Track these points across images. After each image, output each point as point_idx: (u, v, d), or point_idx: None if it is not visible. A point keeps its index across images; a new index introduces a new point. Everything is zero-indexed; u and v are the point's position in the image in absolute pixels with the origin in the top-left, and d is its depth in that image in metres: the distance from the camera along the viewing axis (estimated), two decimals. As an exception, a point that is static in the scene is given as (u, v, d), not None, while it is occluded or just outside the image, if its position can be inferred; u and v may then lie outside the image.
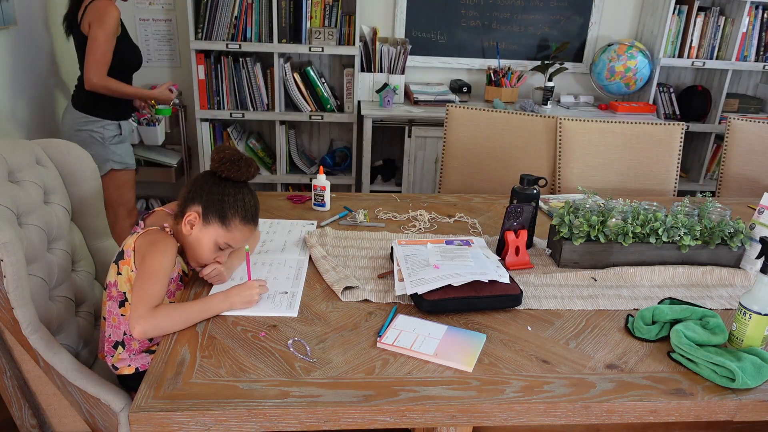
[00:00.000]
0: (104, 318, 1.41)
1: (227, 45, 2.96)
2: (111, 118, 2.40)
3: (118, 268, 1.36)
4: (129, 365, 1.40)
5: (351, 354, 1.17)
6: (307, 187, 3.33)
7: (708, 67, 3.34)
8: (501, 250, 1.60)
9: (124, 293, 1.36)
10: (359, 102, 3.18)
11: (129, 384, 1.43)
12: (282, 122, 3.16)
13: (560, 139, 2.36)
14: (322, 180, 1.85)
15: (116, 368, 1.40)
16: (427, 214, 1.88)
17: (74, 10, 2.29)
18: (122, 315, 1.37)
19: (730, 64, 3.32)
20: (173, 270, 1.37)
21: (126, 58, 2.37)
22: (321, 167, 1.96)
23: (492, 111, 2.39)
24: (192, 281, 1.42)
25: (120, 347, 1.39)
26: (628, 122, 2.38)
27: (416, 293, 1.33)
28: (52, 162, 1.60)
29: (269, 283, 1.41)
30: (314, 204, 1.88)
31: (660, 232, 1.54)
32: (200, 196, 1.36)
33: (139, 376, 1.38)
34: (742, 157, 2.49)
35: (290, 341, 1.20)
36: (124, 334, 1.38)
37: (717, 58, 3.35)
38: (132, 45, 2.44)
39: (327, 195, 1.86)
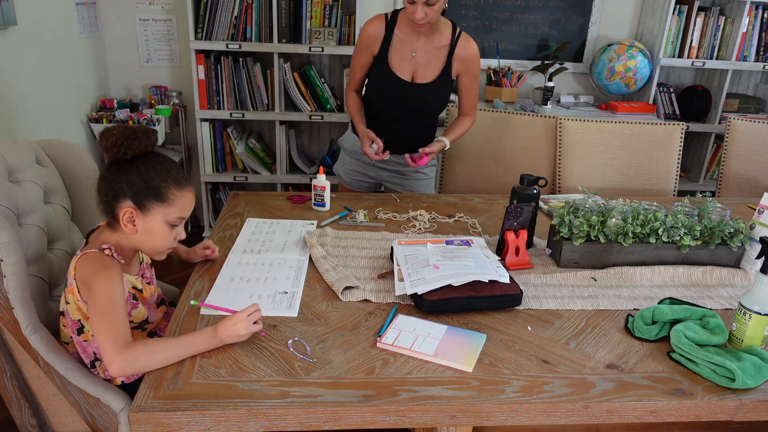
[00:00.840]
0: (67, 343, 1.36)
1: (227, 45, 2.96)
2: None
3: (66, 296, 1.28)
4: None
5: (351, 354, 1.17)
6: (307, 187, 3.33)
7: (708, 67, 3.34)
8: (501, 250, 1.60)
9: (79, 320, 1.28)
10: (359, 102, 3.18)
11: (133, 388, 1.38)
12: (282, 122, 3.16)
13: (560, 139, 2.36)
14: (322, 180, 1.85)
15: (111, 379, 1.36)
16: (427, 214, 1.88)
17: None
18: (84, 341, 1.32)
19: (730, 64, 3.32)
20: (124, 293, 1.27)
21: None
22: (321, 167, 1.96)
23: (492, 111, 2.39)
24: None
25: (98, 362, 1.35)
26: (628, 122, 2.38)
27: (416, 293, 1.33)
28: (52, 162, 1.60)
29: (269, 283, 1.41)
30: (314, 204, 1.88)
31: (660, 232, 1.54)
32: (122, 190, 1.23)
33: (140, 380, 1.36)
34: (742, 157, 2.49)
35: (290, 341, 1.20)
36: (94, 353, 1.33)
37: (717, 58, 3.35)
38: None
39: (327, 195, 1.86)
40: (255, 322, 1.17)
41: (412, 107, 2.04)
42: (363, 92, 2.17)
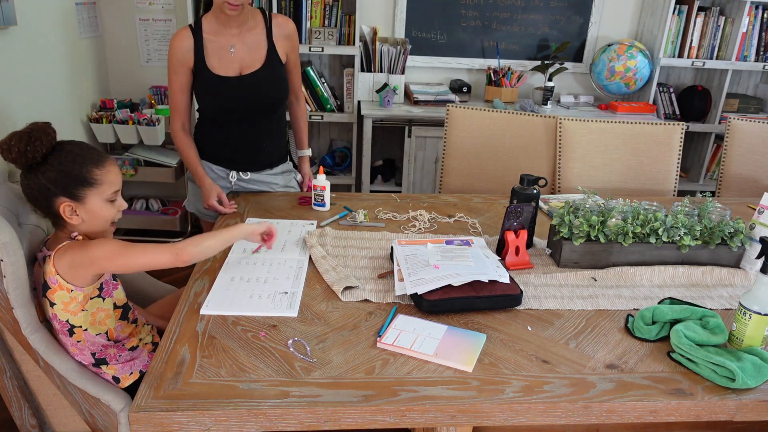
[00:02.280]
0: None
1: (227, 45, 2.95)
2: None
3: (49, 300, 1.28)
4: (131, 373, 1.38)
5: (351, 354, 1.17)
6: (307, 187, 3.33)
7: (708, 67, 3.34)
8: (501, 250, 1.60)
9: (68, 320, 1.30)
10: (359, 102, 3.18)
11: (133, 388, 1.39)
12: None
13: (560, 139, 2.36)
14: (322, 180, 1.85)
15: (118, 380, 1.38)
16: (427, 214, 1.88)
17: None
18: (78, 341, 1.33)
19: (730, 64, 3.32)
20: (102, 275, 1.32)
21: None
22: (321, 167, 1.96)
23: (492, 111, 2.39)
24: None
25: (102, 365, 1.36)
26: (628, 122, 2.38)
27: (416, 293, 1.33)
28: (52, 162, 1.59)
29: (269, 283, 1.41)
30: (314, 204, 1.88)
31: (660, 232, 1.53)
32: (49, 191, 1.26)
33: (139, 381, 1.37)
34: (742, 157, 2.49)
35: (290, 341, 1.20)
36: (93, 354, 1.35)
37: (717, 58, 3.35)
38: None
39: (327, 195, 1.86)
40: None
41: (253, 104, 1.90)
42: (198, 118, 1.99)
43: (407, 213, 1.90)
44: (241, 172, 2.00)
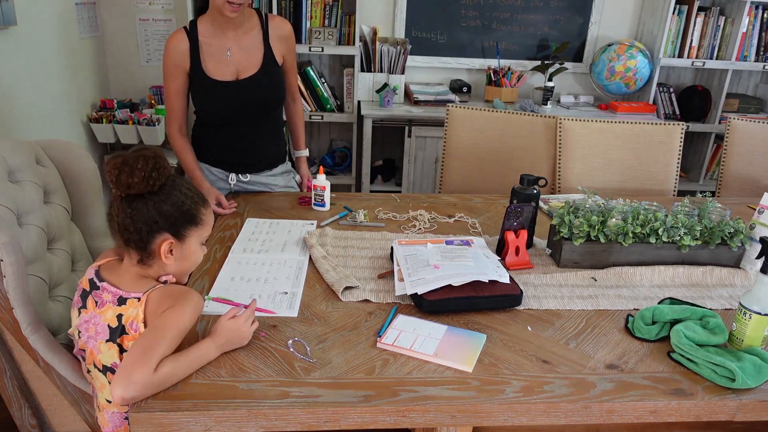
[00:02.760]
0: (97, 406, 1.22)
1: (227, 45, 2.95)
2: None
3: (122, 347, 1.12)
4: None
5: (351, 354, 1.17)
6: (307, 187, 3.33)
7: (708, 67, 3.34)
8: (501, 250, 1.60)
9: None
10: (359, 102, 3.18)
11: None
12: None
13: (560, 139, 2.36)
14: (322, 180, 1.85)
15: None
16: (427, 214, 1.87)
17: None
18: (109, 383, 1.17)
19: (730, 64, 3.32)
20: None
21: None
22: (321, 167, 1.96)
23: (492, 111, 2.39)
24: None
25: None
26: (628, 122, 2.38)
27: (416, 293, 1.33)
28: (52, 162, 1.60)
29: (269, 283, 1.41)
30: (314, 204, 1.88)
31: (660, 232, 1.53)
32: (155, 225, 1.13)
33: None
34: (742, 157, 2.49)
35: (290, 341, 1.20)
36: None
37: (717, 58, 3.35)
38: None
39: (327, 195, 1.86)
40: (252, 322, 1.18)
41: (250, 108, 1.90)
42: (195, 121, 1.99)
43: (407, 213, 1.90)
44: (240, 174, 2.00)
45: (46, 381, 1.39)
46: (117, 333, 1.12)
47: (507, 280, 1.37)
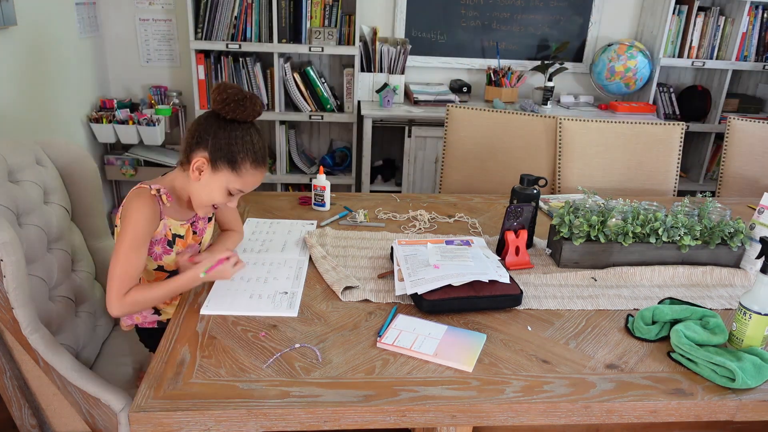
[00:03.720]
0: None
1: (227, 45, 2.96)
2: None
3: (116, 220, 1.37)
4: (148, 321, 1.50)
5: (351, 354, 1.17)
6: (307, 187, 3.33)
7: (708, 67, 3.34)
8: (501, 250, 1.60)
9: None
10: (359, 102, 3.18)
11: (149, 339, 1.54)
12: (282, 122, 3.16)
13: (560, 139, 2.36)
14: (322, 180, 1.85)
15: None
16: (427, 214, 1.88)
17: None
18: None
19: (730, 64, 3.32)
20: (157, 232, 1.35)
21: None
22: (321, 167, 1.96)
23: (492, 111, 2.39)
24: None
25: None
26: (628, 122, 2.38)
27: (416, 293, 1.33)
28: (52, 162, 1.60)
29: (269, 283, 1.41)
30: (314, 204, 1.88)
31: (660, 232, 1.54)
32: (206, 141, 1.28)
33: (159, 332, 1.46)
34: (742, 157, 2.49)
35: (297, 346, 1.20)
36: None
37: (717, 58, 3.35)
38: None
39: (327, 195, 1.86)
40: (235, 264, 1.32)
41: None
42: None
43: (407, 213, 1.90)
44: None
45: (46, 381, 1.39)
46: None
47: (507, 280, 1.37)
